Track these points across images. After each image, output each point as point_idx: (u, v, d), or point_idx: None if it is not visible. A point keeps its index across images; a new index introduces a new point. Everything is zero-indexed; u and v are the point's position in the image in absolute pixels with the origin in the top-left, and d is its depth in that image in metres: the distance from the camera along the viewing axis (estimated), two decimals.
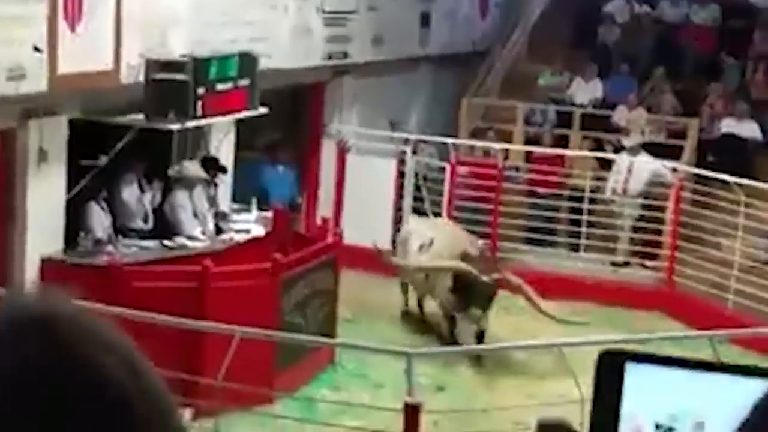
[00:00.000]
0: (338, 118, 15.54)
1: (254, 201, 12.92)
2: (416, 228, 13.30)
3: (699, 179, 14.47)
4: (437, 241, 12.58)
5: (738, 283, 13.27)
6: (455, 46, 17.75)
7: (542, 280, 13.97)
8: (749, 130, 15.87)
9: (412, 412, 6.91)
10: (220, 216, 12.37)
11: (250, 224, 12.41)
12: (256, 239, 12.10)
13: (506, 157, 15.42)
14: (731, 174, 13.82)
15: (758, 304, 12.83)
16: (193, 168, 12.27)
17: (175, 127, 11.59)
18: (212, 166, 12.43)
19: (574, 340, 9.08)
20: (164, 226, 11.70)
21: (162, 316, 8.65)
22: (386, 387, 10.87)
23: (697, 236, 14.01)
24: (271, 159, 14.34)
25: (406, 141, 15.35)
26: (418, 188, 15.19)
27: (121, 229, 11.47)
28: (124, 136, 11.27)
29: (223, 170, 12.65)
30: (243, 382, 8.59)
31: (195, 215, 11.96)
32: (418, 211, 15.16)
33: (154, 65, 11.35)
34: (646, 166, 14.73)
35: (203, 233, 11.92)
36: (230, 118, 12.44)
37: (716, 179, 13.96)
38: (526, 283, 12.08)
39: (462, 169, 15.05)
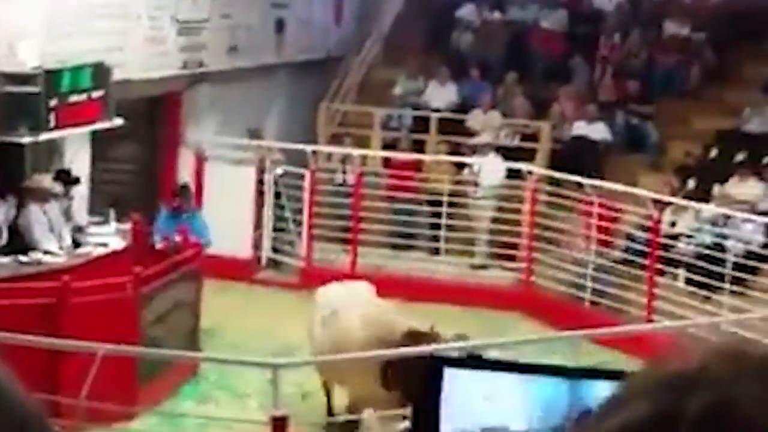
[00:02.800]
0: (195, 127, 15.42)
1: (111, 213, 12.72)
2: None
3: (553, 181, 14.79)
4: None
5: (593, 282, 13.61)
6: (311, 52, 17.78)
7: (403, 284, 14.14)
8: (599, 131, 16.30)
9: (279, 425, 6.90)
10: (76, 229, 12.16)
11: (109, 237, 12.21)
12: (114, 252, 11.92)
13: (364, 163, 15.52)
14: (583, 175, 14.18)
15: (614, 302, 13.20)
16: (46, 181, 12.03)
17: (27, 140, 11.36)
18: (66, 178, 12.20)
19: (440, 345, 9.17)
20: (19, 241, 11.44)
21: (19, 335, 8.45)
22: (252, 397, 10.85)
23: (552, 237, 14.32)
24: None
25: (268, 149, 15.33)
26: (278, 196, 15.18)
27: None
28: None
29: (77, 182, 12.43)
30: (105, 399, 8.46)
31: (51, 229, 11.72)
32: (280, 218, 15.17)
33: (3, 78, 11.10)
34: (497, 166, 15.02)
35: (60, 248, 11.69)
36: (85, 129, 12.23)
37: (569, 181, 14.29)
38: None
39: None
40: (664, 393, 1.09)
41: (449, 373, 1.57)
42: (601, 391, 1.46)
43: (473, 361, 1.52)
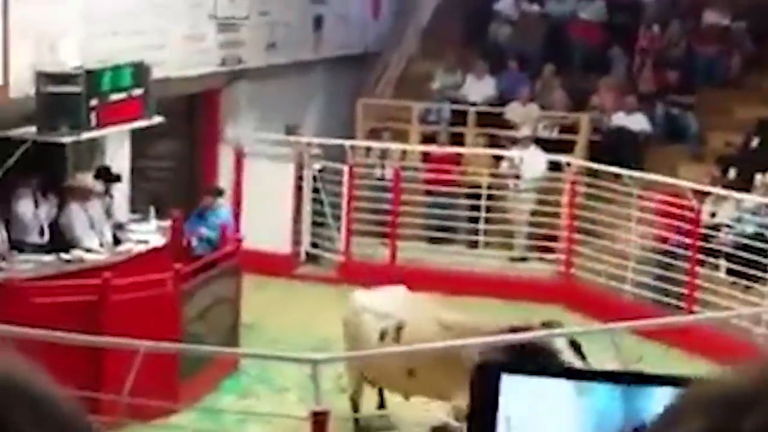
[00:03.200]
0: (234, 123, 15.50)
1: (152, 210, 12.82)
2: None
3: (592, 173, 14.74)
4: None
5: (634, 273, 13.56)
6: (348, 48, 17.81)
7: (443, 278, 14.15)
8: (639, 122, 16.22)
9: (319, 420, 6.95)
10: (117, 227, 12.27)
11: (149, 234, 12.31)
12: (155, 249, 12.02)
13: (403, 158, 15.54)
14: (623, 166, 14.13)
15: (654, 293, 13.14)
16: (86, 179, 12.14)
17: (68, 139, 11.48)
18: (106, 176, 12.31)
19: (483, 339, 9.17)
20: (61, 239, 11.56)
21: (62, 333, 8.55)
22: (291, 391, 10.92)
23: (592, 229, 14.28)
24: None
25: (309, 144, 15.39)
26: (316, 191, 15.23)
27: (16, 245, 11.30)
28: (17, 151, 11.11)
29: (118, 179, 12.54)
30: (147, 394, 8.54)
31: (92, 227, 11.83)
32: (318, 213, 15.23)
33: (45, 78, 11.22)
34: (538, 158, 14.99)
35: (101, 245, 11.80)
36: (125, 128, 12.34)
37: (609, 172, 14.24)
38: None
39: None
40: (720, 410, 1.07)
41: (505, 380, 1.57)
42: (657, 400, 1.46)
43: (530, 368, 1.52)
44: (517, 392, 1.60)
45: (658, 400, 1.56)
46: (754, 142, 15.78)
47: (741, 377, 1.09)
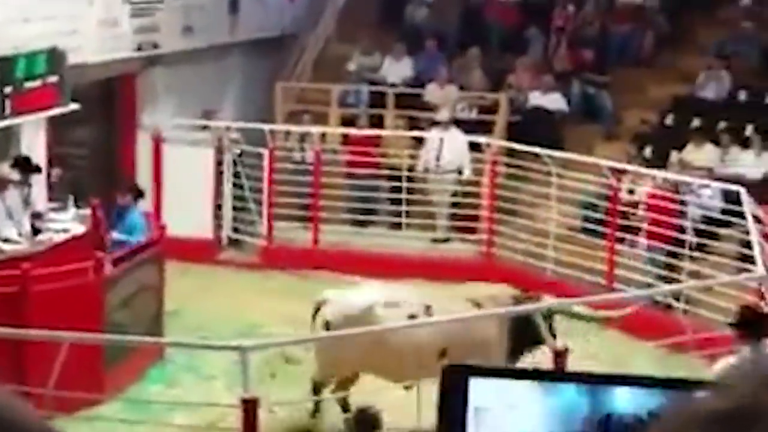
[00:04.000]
0: (152, 109, 15.34)
1: (70, 199, 12.63)
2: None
3: (511, 152, 14.85)
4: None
5: (554, 251, 13.72)
6: (265, 30, 17.69)
7: (365, 259, 14.18)
8: (555, 101, 16.38)
9: (249, 408, 6.92)
10: (35, 216, 12.06)
11: (69, 223, 12.13)
12: (75, 238, 11.85)
13: (323, 141, 15.51)
14: (541, 146, 14.26)
15: (574, 271, 13.31)
16: (2, 169, 11.92)
17: None
18: (25, 166, 12.10)
19: (412, 322, 9.22)
20: None
21: None
22: (218, 379, 10.86)
23: (513, 209, 14.39)
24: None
25: (228, 129, 15.29)
26: (237, 175, 15.14)
27: None
28: None
29: (37, 170, 12.33)
30: (71, 386, 8.44)
31: (9, 217, 11.62)
32: (239, 198, 15.15)
33: None
34: (459, 140, 15.06)
35: (20, 235, 11.61)
36: (41, 115, 12.14)
37: (528, 152, 14.36)
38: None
39: None
40: (719, 429, 1.06)
41: (473, 382, 1.57)
42: (620, 397, 1.48)
43: (496, 370, 1.53)
44: (485, 392, 1.61)
45: (621, 397, 1.59)
46: (669, 120, 16.04)
47: (734, 395, 1.07)
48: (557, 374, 1.68)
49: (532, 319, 8.98)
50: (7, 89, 11.32)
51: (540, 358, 9.38)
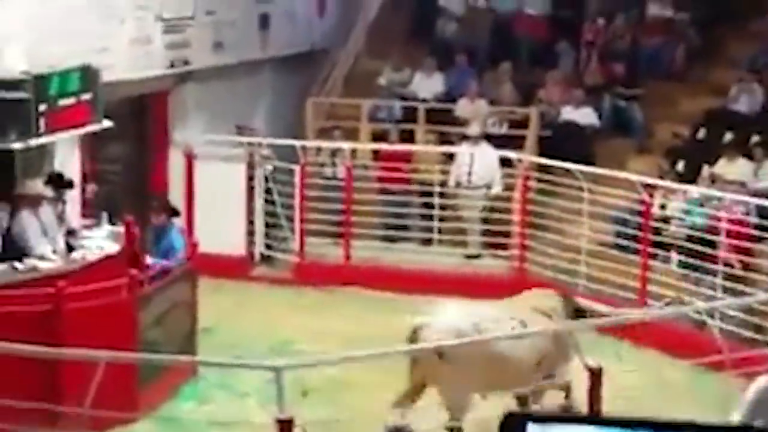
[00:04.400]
0: (183, 125, 15.40)
1: (104, 216, 12.69)
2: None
3: (542, 167, 14.81)
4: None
5: (586, 267, 13.66)
6: (295, 46, 17.76)
7: (398, 276, 14.19)
8: (587, 116, 16.34)
9: (284, 427, 6.93)
10: (70, 233, 12.13)
11: (102, 240, 12.19)
12: (109, 255, 11.90)
13: (354, 156, 15.52)
14: (573, 161, 14.21)
15: (607, 287, 13.24)
16: (37, 186, 11.99)
17: (17, 146, 11.34)
18: (58, 182, 12.17)
19: (448, 342, 9.20)
20: (13, 248, 11.40)
21: (19, 345, 8.45)
22: (252, 396, 10.88)
23: (544, 224, 14.35)
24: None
25: (259, 145, 15.33)
26: (268, 192, 15.18)
27: None
28: None
29: (70, 185, 12.40)
30: (105, 403, 8.46)
31: (44, 234, 11.69)
32: (271, 214, 15.17)
33: None
34: (489, 155, 15.04)
35: (54, 252, 11.66)
36: (75, 133, 12.21)
37: (559, 167, 14.32)
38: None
39: None
40: None
41: (532, 429, 1.57)
42: None
43: (557, 416, 1.51)
44: None
45: None
46: (701, 134, 15.96)
47: None
48: (615, 419, 1.67)
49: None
50: (42, 107, 11.39)
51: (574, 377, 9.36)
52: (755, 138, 15.04)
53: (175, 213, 12.64)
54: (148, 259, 11.57)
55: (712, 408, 9.89)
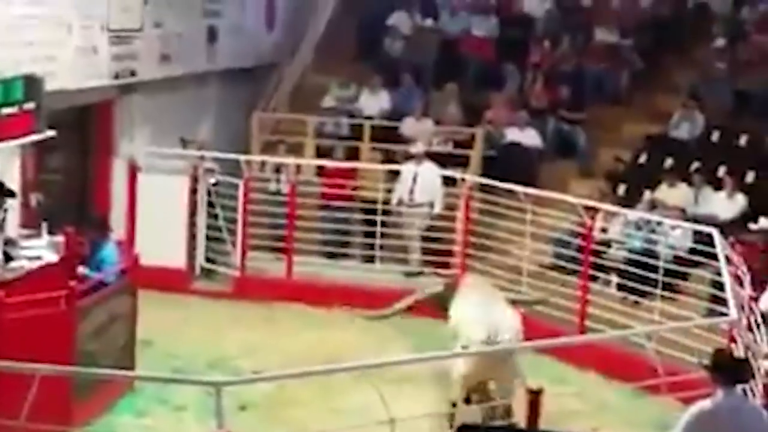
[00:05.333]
0: (128, 136, 15.32)
1: (44, 226, 12.56)
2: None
3: (486, 188, 14.90)
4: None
5: (528, 288, 13.75)
6: (243, 60, 17.76)
7: (340, 292, 14.21)
8: (531, 138, 16.47)
9: None
10: (8, 243, 11.98)
11: (41, 250, 12.06)
12: (48, 266, 11.78)
13: (298, 171, 15.52)
14: (516, 182, 14.32)
15: (547, 308, 13.33)
16: None
17: None
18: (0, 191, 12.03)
19: (388, 360, 9.24)
20: None
21: None
22: (189, 410, 10.82)
23: (486, 243, 14.43)
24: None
25: (203, 158, 15.27)
26: (211, 205, 15.13)
27: None
28: None
29: (11, 194, 12.26)
30: (39, 416, 8.36)
31: None
32: (213, 228, 15.12)
33: None
34: (432, 174, 15.10)
35: None
36: (17, 143, 12.10)
37: (502, 188, 14.41)
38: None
39: None
40: None
41: None
42: None
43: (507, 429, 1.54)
44: None
45: None
46: (642, 159, 16.15)
47: None
48: None
49: None
50: None
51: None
52: (695, 165, 15.26)
53: (105, 230, 12.40)
54: (82, 270, 11.46)
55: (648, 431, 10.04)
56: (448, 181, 15.06)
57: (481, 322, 10.33)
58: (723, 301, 10.63)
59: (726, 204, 14.27)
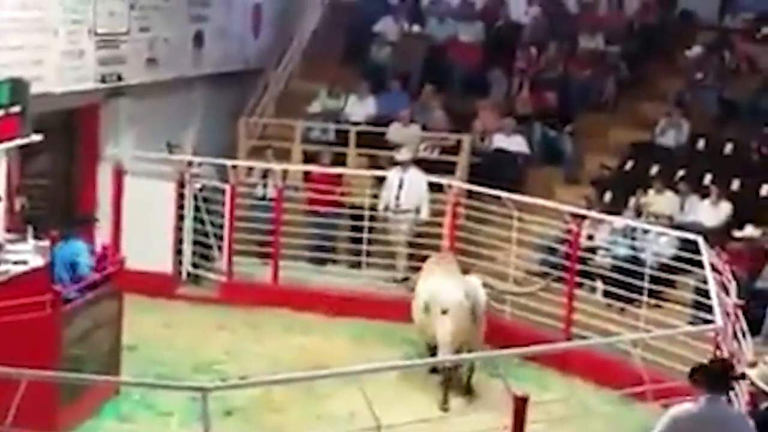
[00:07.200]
0: (114, 140, 15.29)
1: (29, 230, 12.51)
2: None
3: (472, 194, 14.91)
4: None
5: (514, 294, 13.75)
6: (229, 64, 17.75)
7: (326, 298, 14.20)
8: (517, 144, 16.49)
9: None
10: None
11: (27, 254, 12.01)
12: (34, 270, 11.73)
13: (285, 177, 15.50)
14: (503, 188, 14.33)
15: (533, 314, 13.35)
16: None
17: None
18: None
19: (374, 365, 9.23)
20: None
21: None
22: (175, 415, 10.80)
23: (472, 250, 14.44)
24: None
25: (189, 163, 15.24)
26: (198, 210, 15.10)
27: None
28: None
29: None
30: (24, 420, 8.33)
31: None
32: (200, 233, 15.08)
33: None
34: (418, 180, 15.10)
35: None
36: (2, 146, 12.07)
37: (489, 194, 14.43)
38: None
39: None
40: None
41: None
42: None
43: None
44: None
45: None
46: (628, 165, 16.19)
47: None
48: None
49: None
50: None
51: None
52: (681, 172, 15.30)
53: (89, 225, 12.31)
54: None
55: None
56: (435, 188, 15.06)
57: (423, 290, 11.99)
58: (708, 308, 10.67)
59: (711, 212, 14.31)
